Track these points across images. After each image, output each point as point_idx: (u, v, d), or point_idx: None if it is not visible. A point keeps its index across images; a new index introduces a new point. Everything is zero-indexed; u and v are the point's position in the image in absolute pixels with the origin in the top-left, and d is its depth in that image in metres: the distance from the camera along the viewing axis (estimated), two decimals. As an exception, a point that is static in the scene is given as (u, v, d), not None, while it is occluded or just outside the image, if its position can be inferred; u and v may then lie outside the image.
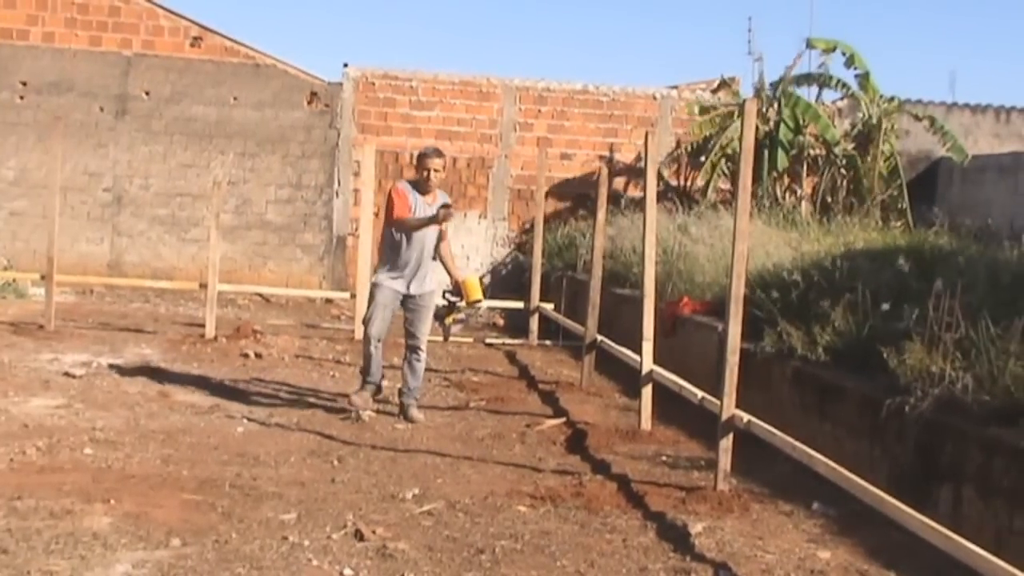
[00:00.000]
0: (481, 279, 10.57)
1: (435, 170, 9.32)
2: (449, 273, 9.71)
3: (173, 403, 9.54)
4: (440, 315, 9.72)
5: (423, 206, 9.26)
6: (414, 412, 9.33)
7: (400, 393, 9.51)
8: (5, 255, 18.23)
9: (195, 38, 19.35)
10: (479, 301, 9.82)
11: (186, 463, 7.48)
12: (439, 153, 9.58)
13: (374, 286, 9.50)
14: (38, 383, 10.12)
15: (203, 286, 14.26)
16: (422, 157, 9.43)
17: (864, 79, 17.96)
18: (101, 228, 19.21)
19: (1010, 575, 4.63)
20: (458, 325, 9.92)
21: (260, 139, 19.36)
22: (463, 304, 9.74)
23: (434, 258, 9.49)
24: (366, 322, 9.45)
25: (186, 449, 7.91)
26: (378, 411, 9.45)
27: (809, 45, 17.94)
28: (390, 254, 9.35)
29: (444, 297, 9.71)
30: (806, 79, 18.24)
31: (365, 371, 9.49)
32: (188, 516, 6.23)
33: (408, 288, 9.30)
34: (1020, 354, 6.56)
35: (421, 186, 9.34)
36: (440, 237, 9.49)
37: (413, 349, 9.42)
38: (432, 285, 9.46)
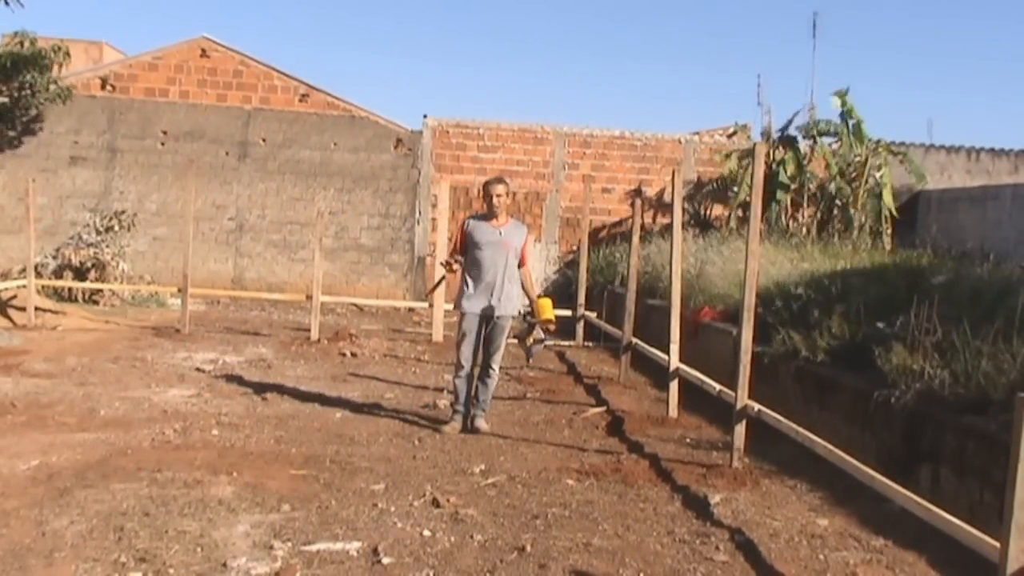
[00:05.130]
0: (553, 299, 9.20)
1: (497, 195, 8.29)
2: (527, 295, 8.60)
3: (284, 393, 9.61)
4: (521, 336, 8.85)
5: (488, 231, 8.28)
6: (479, 423, 8.35)
7: (472, 403, 8.46)
8: (149, 272, 18.51)
9: (303, 95, 19.59)
10: (551, 321, 8.62)
11: (294, 443, 7.53)
12: (500, 180, 8.57)
13: (460, 314, 8.36)
14: (175, 376, 10.26)
15: (308, 297, 14.37)
16: (485, 185, 8.49)
17: (857, 127, 17.74)
18: (226, 250, 19.46)
19: (981, 541, 4.54)
20: (539, 345, 8.78)
21: (355, 177, 19.54)
22: (535, 321, 8.63)
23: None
24: (457, 347, 8.42)
25: (294, 431, 7.95)
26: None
27: (837, 95, 17.73)
28: (465, 277, 8.35)
29: (524, 319, 8.86)
30: (815, 126, 17.98)
31: (455, 400, 8.49)
32: (296, 486, 6.27)
33: (486, 308, 8.24)
34: (989, 354, 6.44)
35: (489, 213, 8.39)
36: (520, 262, 8.42)
37: (486, 366, 8.41)
38: (511, 310, 8.36)
